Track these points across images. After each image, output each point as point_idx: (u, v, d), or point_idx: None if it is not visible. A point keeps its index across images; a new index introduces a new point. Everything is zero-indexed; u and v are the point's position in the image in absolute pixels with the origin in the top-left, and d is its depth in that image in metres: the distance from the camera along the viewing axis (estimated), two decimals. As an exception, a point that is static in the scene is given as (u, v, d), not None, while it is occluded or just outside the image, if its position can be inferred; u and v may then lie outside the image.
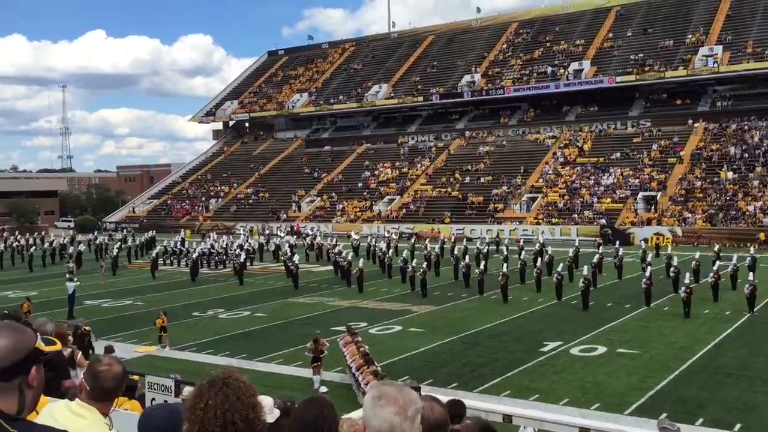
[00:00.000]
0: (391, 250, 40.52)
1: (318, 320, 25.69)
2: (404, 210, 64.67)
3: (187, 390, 7.32)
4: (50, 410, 2.83)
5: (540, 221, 56.34)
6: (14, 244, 53.20)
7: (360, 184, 72.02)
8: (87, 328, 17.61)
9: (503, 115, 75.88)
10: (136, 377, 7.76)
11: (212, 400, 2.31)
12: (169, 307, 26.47)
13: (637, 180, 57.62)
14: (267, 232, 59.88)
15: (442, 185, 66.61)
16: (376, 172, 73.64)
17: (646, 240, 46.32)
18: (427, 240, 47.10)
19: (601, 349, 20.62)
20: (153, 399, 6.92)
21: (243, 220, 70.62)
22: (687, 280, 26.31)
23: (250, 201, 76.45)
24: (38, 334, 2.02)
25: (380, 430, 2.14)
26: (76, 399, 2.96)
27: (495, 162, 68.13)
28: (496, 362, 19.47)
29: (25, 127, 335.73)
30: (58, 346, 2.10)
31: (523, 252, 38.05)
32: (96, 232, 64.26)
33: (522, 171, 64.37)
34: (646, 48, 71.06)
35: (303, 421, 2.70)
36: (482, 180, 65.37)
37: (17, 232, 63.05)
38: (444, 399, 3.02)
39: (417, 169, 71.74)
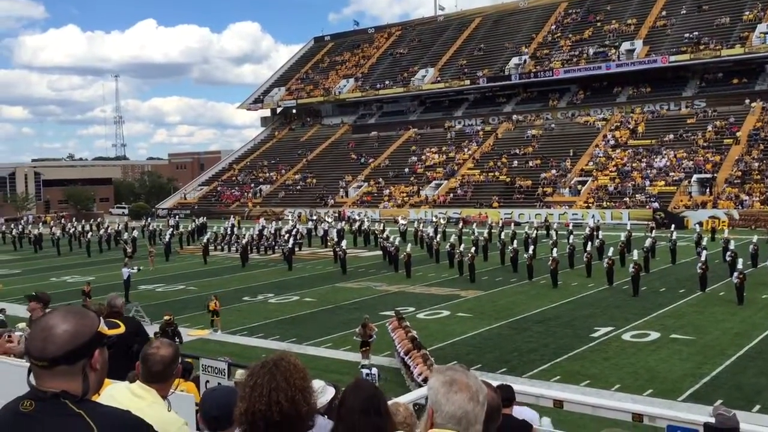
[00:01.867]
0: (438, 235, 40.45)
1: (366, 305, 25.84)
2: (451, 195, 64.42)
3: (240, 373, 7.50)
4: (111, 391, 2.93)
5: (590, 205, 55.47)
6: (72, 231, 54.85)
7: (407, 169, 71.95)
8: (168, 317, 18.10)
9: (552, 98, 74.72)
10: (190, 360, 7.95)
11: (260, 379, 2.36)
12: (220, 292, 26.99)
13: (692, 162, 56.17)
14: (315, 217, 60.38)
15: (490, 169, 66.08)
16: (423, 157, 73.45)
17: (700, 224, 45.18)
18: (475, 224, 46.85)
19: (654, 335, 20.27)
20: (207, 381, 7.10)
21: (291, 205, 71.36)
22: (740, 266, 25.60)
23: (298, 187, 77.15)
24: (101, 318, 2.09)
25: (454, 416, 2.15)
26: (137, 381, 3.06)
27: (543, 145, 67.22)
28: (546, 347, 19.31)
29: (80, 116, 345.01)
30: (122, 329, 2.16)
31: (572, 236, 37.54)
32: (149, 219, 65.69)
33: (571, 154, 63.39)
34: (701, 26, 68.95)
35: (363, 400, 2.71)
36: (530, 164, 64.61)
37: (74, 219, 65.04)
38: (493, 384, 3.03)
39: (464, 154, 71.28)
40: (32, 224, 67.54)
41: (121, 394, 2.91)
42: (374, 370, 15.41)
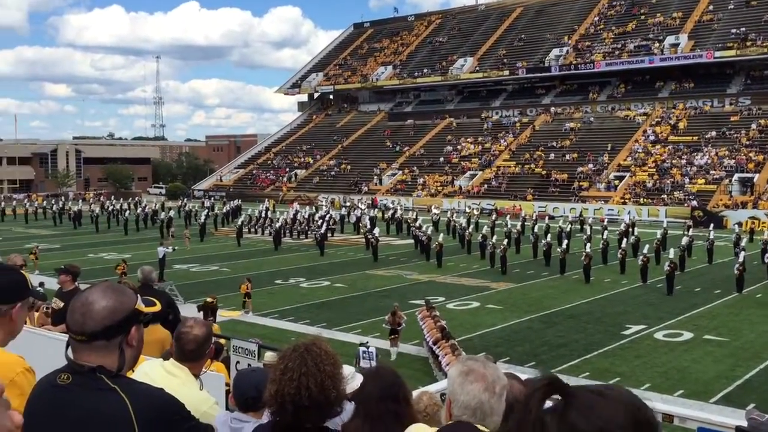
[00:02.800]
0: (471, 226, 40.29)
1: (396, 293, 25.93)
2: (486, 186, 64.04)
3: (269, 355, 7.58)
4: (146, 368, 2.99)
5: (626, 201, 54.69)
6: (110, 208, 55.79)
7: (442, 159, 71.69)
8: (210, 299, 18.15)
9: (592, 91, 73.66)
10: (222, 341, 8.07)
11: (291, 363, 2.38)
12: (253, 274, 27.26)
13: (733, 161, 54.95)
14: (348, 204, 60.54)
15: (526, 161, 65.50)
16: (459, 147, 73.09)
17: (740, 224, 44.24)
18: (508, 216, 46.54)
19: (687, 335, 19.97)
20: (237, 362, 7.20)
21: (325, 191, 71.64)
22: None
23: (333, 173, 77.39)
24: (138, 295, 2.12)
25: (468, 406, 2.15)
26: (170, 359, 3.11)
27: (581, 139, 66.37)
28: (576, 343, 19.17)
29: (121, 96, 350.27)
30: (158, 307, 2.20)
31: (606, 232, 37.10)
32: (185, 199, 66.52)
33: (609, 149, 62.49)
34: (748, 21, 67.18)
35: (381, 388, 2.72)
36: (567, 157, 63.87)
37: (113, 197, 66.15)
38: (522, 377, 3.02)
39: (500, 145, 70.75)
40: (72, 201, 68.72)
41: (155, 371, 2.96)
42: (372, 349, 15.50)
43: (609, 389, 1.28)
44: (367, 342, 16.05)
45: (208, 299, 18.44)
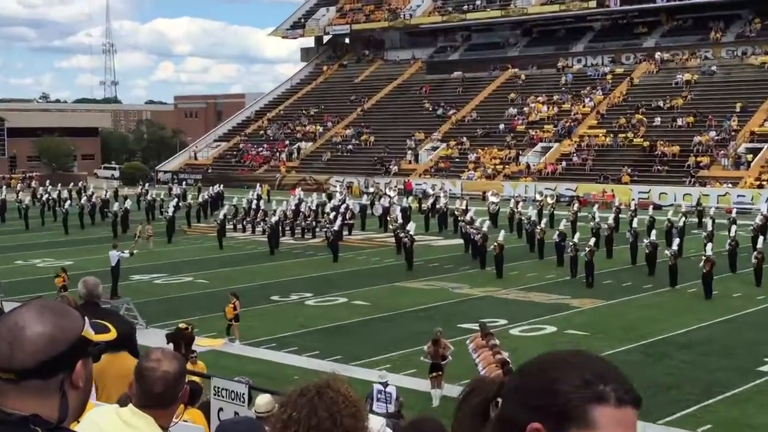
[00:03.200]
0: (543, 220, 40.09)
1: (439, 314, 25.86)
2: (564, 163, 63.74)
3: (264, 400, 7.64)
4: (96, 417, 3.03)
5: (764, 184, 54.03)
6: (45, 198, 56.39)
7: (502, 126, 71.44)
8: (183, 326, 17.88)
9: (714, 28, 72.79)
10: (198, 380, 8.15)
11: (297, 412, 2.39)
12: (240, 288, 27.41)
13: None
14: (372, 190, 60.60)
15: (620, 129, 65.03)
16: (526, 110, 72.77)
17: None
18: (596, 206, 46.25)
19: None
20: (220, 410, 7.27)
21: (339, 172, 71.83)
22: None
23: (350, 146, 77.54)
24: (86, 318, 2.14)
25: None
26: (129, 404, 3.15)
27: (699, 96, 65.66)
28: (693, 383, 19.02)
29: (59, 42, 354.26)
30: (113, 333, 2.22)
31: (735, 227, 36.71)
32: (146, 185, 67.03)
33: (739, 110, 61.75)
34: None
35: None
36: (679, 122, 63.24)
37: (48, 183, 66.77)
38: None
39: (584, 106, 70.26)
40: (-7, 187, 69.56)
41: (108, 423, 3.00)
42: (391, 389, 15.48)
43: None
44: (386, 379, 16.08)
45: (182, 325, 18.29)
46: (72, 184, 67.53)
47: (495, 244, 33.23)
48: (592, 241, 32.91)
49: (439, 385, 18.15)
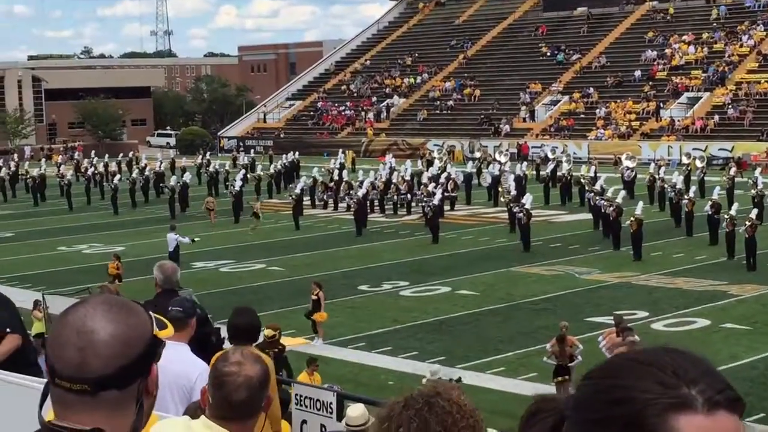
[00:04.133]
0: (692, 188, 39.38)
1: (563, 305, 25.75)
2: (716, 117, 62.46)
3: (356, 412, 7.69)
4: (162, 431, 3.10)
5: None
6: (90, 172, 57.68)
7: (638, 73, 70.41)
8: (269, 332, 17.34)
9: None
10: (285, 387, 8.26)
11: (404, 427, 2.40)
12: (321, 277, 27.62)
13: None
14: (478, 155, 60.34)
15: (788, 73, 63.39)
16: (668, 52, 71.47)
17: None
18: (758, 170, 45.22)
19: None
20: (304, 422, 7.36)
21: (437, 134, 71.77)
22: None
23: (451, 102, 77.31)
24: (151, 314, 2.18)
25: None
26: (202, 416, 3.20)
27: None
28: None
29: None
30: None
31: None
32: (208, 154, 67.76)
33: None
34: None
35: None
36: None
37: (94, 154, 67.98)
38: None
39: (741, 45, 68.73)
40: (29, 160, 71.14)
41: (178, 439, 3.06)
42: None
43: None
44: (438, 375, 15.99)
45: (267, 332, 17.82)
46: (121, 155, 68.73)
47: (631, 218, 32.77)
48: (754, 213, 32.21)
49: (565, 391, 18.04)
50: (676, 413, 1.41)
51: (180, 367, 5.79)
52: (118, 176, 54.06)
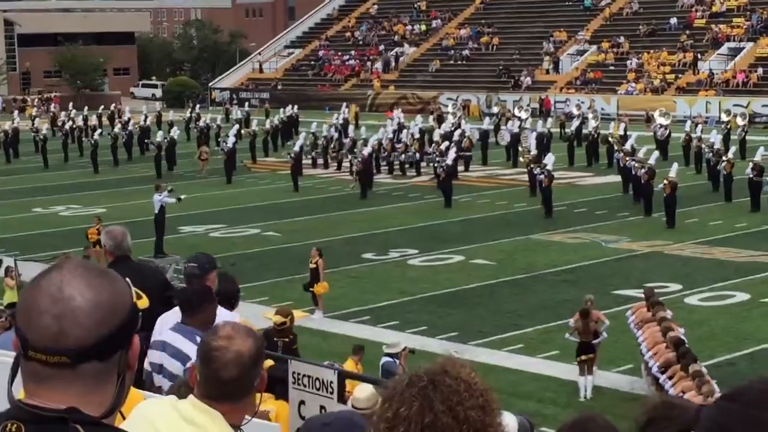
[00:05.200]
0: (732, 149, 39.28)
1: (588, 276, 25.78)
2: (760, 71, 62.22)
3: (363, 392, 7.69)
4: (147, 412, 3.09)
5: None
6: (67, 126, 57.27)
7: (674, 21, 70.10)
8: (278, 318, 16.50)
9: None
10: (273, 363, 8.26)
11: (406, 407, 2.38)
12: (322, 243, 27.62)
13: None
14: (496, 110, 60.21)
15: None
16: (707, -3, 71.12)
17: None
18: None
19: None
20: (302, 402, 7.37)
21: (451, 87, 71.64)
22: None
23: (466, 52, 77.00)
24: (129, 281, 2.17)
25: None
26: (190, 396, 3.19)
27: None
28: None
29: None
30: (146, 301, 2.25)
31: None
32: (197, 106, 67.68)
33: None
34: None
35: None
36: None
37: (72, 106, 67.93)
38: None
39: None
40: (1, 113, 71.21)
41: (163, 419, 3.05)
42: (397, 364, 15.20)
43: None
44: (398, 349, 15.75)
45: (276, 318, 17.08)
46: (102, 107, 68.67)
47: (665, 181, 32.69)
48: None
49: (590, 370, 18.09)
50: None
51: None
52: (98, 131, 54.25)
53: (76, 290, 2.02)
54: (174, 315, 6.81)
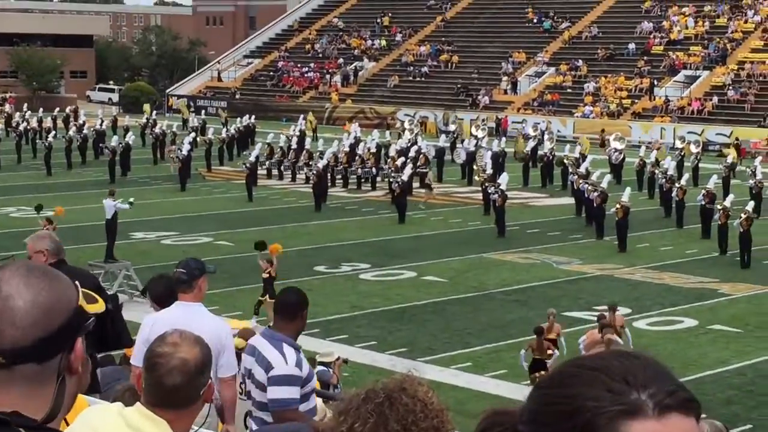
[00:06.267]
0: (685, 175, 39.56)
1: (538, 297, 25.81)
2: (715, 99, 62.65)
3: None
4: (91, 419, 3.05)
5: None
6: (21, 128, 57.01)
7: (632, 46, 70.72)
8: (242, 341, 16.24)
9: None
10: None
11: (360, 423, 2.37)
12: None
13: None
14: (453, 128, 60.36)
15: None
16: (665, 24, 71.85)
17: None
18: (758, 159, 45.50)
19: None
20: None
21: (410, 103, 71.71)
22: None
23: (425, 69, 77.18)
24: (77, 284, 2.14)
25: None
26: (137, 403, 3.15)
27: None
28: None
29: None
30: (101, 304, 2.22)
31: None
32: (154, 113, 67.39)
33: None
34: None
35: None
36: None
37: (26, 107, 67.49)
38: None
39: (746, 21, 69.13)
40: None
41: (108, 426, 3.01)
42: (330, 371, 15.08)
43: None
44: (332, 358, 15.48)
45: (238, 341, 16.71)
46: (57, 109, 68.39)
47: (618, 205, 32.87)
48: (751, 205, 32.37)
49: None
50: (626, 420, 1.46)
51: (207, 326, 6.35)
52: (53, 133, 54.11)
53: (14, 289, 1.98)
54: (169, 313, 6.85)
